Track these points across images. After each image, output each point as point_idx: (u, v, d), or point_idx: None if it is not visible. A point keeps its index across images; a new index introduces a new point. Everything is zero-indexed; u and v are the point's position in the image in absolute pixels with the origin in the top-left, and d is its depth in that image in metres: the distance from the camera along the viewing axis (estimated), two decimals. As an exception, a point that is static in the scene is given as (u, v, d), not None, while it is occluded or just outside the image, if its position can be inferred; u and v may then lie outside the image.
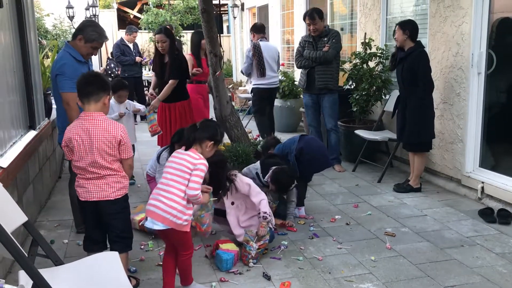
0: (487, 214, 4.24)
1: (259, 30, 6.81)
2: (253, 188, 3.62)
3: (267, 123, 6.80)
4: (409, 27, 4.78)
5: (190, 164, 2.87)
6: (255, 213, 3.68)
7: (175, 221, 2.82)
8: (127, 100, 5.35)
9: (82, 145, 2.83)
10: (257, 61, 6.47)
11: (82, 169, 2.88)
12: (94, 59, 11.33)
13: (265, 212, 3.53)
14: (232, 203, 3.71)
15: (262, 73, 6.49)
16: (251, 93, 7.19)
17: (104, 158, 2.84)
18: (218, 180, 3.50)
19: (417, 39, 4.85)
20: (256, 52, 6.46)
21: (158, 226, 2.84)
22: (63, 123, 3.71)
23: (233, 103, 6.44)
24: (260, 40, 6.63)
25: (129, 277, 3.24)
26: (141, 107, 5.43)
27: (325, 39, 5.76)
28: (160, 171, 3.97)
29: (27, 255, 2.41)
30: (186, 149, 2.98)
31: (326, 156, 4.58)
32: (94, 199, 2.89)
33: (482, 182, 4.63)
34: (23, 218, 2.69)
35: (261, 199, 3.57)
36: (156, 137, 5.39)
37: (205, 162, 2.94)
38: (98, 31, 3.79)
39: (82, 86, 2.89)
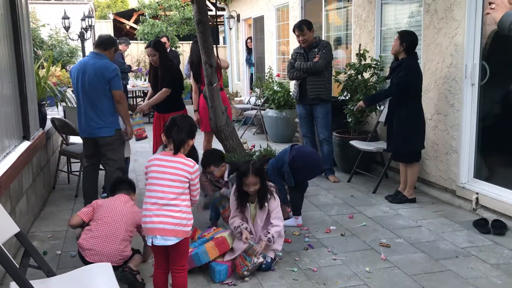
0: (481, 225, 4.24)
1: None
2: (278, 210, 3.67)
3: None
4: (407, 40, 4.79)
5: (188, 173, 2.85)
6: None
7: (186, 229, 2.83)
8: None
9: None
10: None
11: None
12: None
13: (273, 237, 3.55)
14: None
15: None
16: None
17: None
18: (264, 187, 3.62)
19: (415, 51, 4.88)
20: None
21: (172, 240, 2.79)
22: (110, 117, 4.55)
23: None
24: None
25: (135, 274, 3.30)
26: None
27: (316, 50, 5.79)
28: None
29: (18, 266, 2.39)
30: (175, 153, 2.89)
31: (318, 161, 4.63)
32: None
33: (477, 193, 4.64)
34: (15, 229, 2.67)
35: (277, 224, 3.61)
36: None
37: (197, 166, 2.96)
38: (118, 43, 4.98)
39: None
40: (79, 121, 4.64)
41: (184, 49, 15.42)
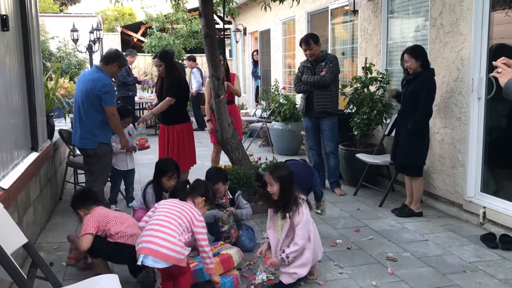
0: (489, 240, 4.21)
1: (194, 59, 11.88)
2: (302, 226, 3.33)
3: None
4: (421, 55, 4.80)
5: (193, 218, 3.12)
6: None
7: (179, 257, 2.92)
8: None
9: None
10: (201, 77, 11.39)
11: None
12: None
13: (288, 258, 3.27)
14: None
15: (203, 83, 10.96)
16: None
17: None
18: (287, 196, 3.41)
19: (430, 66, 4.89)
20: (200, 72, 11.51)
21: (161, 264, 2.89)
22: (94, 130, 4.56)
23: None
24: (196, 65, 11.68)
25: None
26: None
27: (323, 63, 5.81)
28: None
29: (26, 277, 2.40)
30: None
31: (300, 184, 4.20)
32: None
33: (484, 207, 4.61)
34: (23, 240, 2.69)
35: (297, 242, 3.29)
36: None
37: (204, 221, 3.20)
38: (125, 58, 4.92)
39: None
40: (73, 129, 4.87)
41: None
